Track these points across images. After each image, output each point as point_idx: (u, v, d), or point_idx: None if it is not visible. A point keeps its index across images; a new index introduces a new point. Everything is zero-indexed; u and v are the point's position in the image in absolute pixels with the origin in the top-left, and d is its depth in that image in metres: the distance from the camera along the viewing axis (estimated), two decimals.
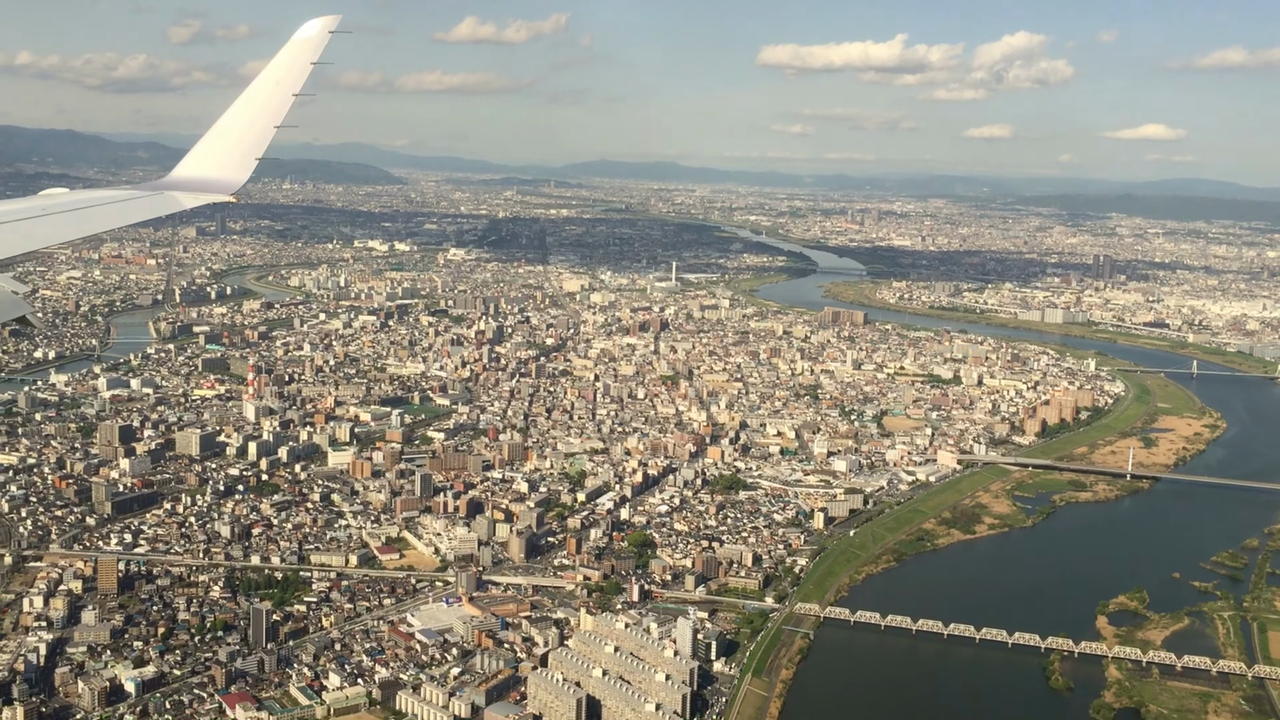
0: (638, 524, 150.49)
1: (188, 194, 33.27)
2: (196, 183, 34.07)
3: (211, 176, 34.15)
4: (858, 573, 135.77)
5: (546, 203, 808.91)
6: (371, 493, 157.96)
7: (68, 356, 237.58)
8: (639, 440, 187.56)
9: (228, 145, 34.47)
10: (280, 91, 34.05)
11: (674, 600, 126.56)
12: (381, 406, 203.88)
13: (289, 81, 34.03)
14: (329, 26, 34.84)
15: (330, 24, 34.95)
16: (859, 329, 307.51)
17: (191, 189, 33.71)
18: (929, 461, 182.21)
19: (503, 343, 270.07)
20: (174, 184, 34.20)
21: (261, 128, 34.23)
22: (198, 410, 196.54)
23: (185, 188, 33.81)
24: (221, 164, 34.30)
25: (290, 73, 34.13)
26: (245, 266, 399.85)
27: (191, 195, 33.25)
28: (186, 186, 33.87)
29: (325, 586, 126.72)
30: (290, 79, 34.04)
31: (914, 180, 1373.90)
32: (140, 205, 32.45)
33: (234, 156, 34.40)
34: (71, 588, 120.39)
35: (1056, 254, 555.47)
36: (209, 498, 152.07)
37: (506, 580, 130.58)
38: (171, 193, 33.31)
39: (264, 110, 34.18)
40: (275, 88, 34.18)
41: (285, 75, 34.17)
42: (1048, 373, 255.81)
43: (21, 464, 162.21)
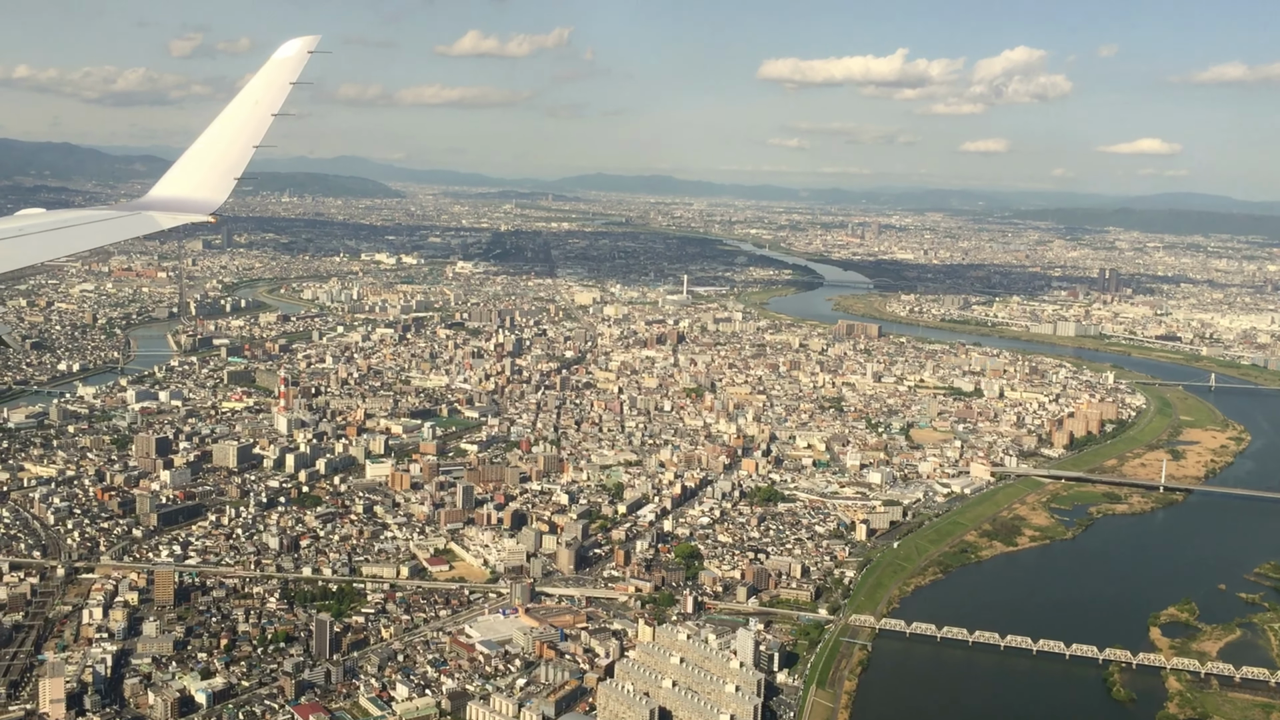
0: (681, 535, 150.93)
1: (165, 214, 33.11)
2: (174, 202, 33.93)
3: (190, 196, 34.03)
4: (906, 584, 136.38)
5: (546, 216, 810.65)
6: (413, 505, 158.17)
7: (91, 369, 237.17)
8: (671, 452, 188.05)
9: (206, 165, 34.39)
10: (259, 111, 33.97)
11: (727, 612, 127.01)
12: (411, 419, 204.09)
13: (268, 101, 33.94)
14: (308, 47, 34.68)
15: (310, 44, 34.79)
16: (874, 342, 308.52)
17: (169, 209, 33.54)
18: (962, 474, 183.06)
19: (522, 355, 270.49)
20: (152, 204, 34.10)
21: (240, 148, 34.15)
22: (229, 423, 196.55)
23: (163, 207, 33.64)
24: (200, 183, 34.20)
25: (269, 92, 34.03)
26: (256, 280, 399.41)
27: (169, 215, 33.07)
28: (164, 206, 33.71)
29: (380, 598, 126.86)
30: (269, 99, 33.94)
31: (910, 194, 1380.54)
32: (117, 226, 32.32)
33: (212, 176, 34.28)
34: (128, 599, 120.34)
35: (1059, 267, 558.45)
36: (252, 510, 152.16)
37: (558, 592, 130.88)
38: (149, 213, 33.16)
39: (243, 130, 34.13)
40: (254, 107, 34.12)
41: (265, 95, 34.07)
42: (1067, 385, 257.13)
43: (61, 476, 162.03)
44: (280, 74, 34.20)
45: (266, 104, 33.87)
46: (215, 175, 34.13)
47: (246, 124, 33.95)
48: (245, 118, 34.03)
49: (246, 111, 34.09)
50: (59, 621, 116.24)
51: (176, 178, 34.52)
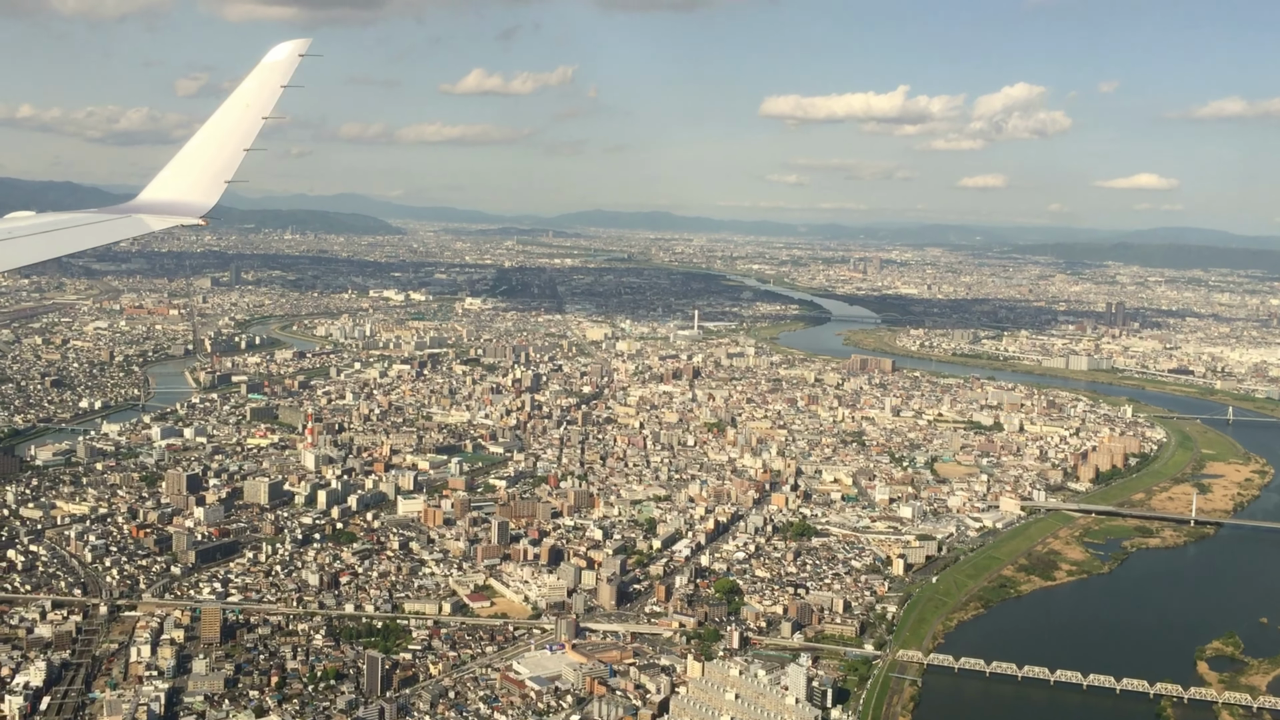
0: (718, 571, 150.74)
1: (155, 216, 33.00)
2: (165, 205, 33.75)
3: (180, 199, 33.86)
4: (949, 619, 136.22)
5: (548, 252, 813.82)
6: (449, 540, 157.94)
7: (113, 407, 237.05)
8: (700, 487, 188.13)
9: (197, 168, 34.15)
10: (250, 115, 33.92)
11: (773, 647, 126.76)
12: (437, 455, 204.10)
13: (259, 105, 33.90)
14: (299, 50, 34.70)
15: (300, 48, 34.78)
16: (888, 376, 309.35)
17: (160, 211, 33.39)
18: (991, 508, 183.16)
19: (540, 391, 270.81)
20: (142, 206, 33.85)
21: (231, 151, 33.97)
22: (256, 459, 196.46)
23: (154, 210, 33.47)
24: (190, 187, 33.98)
25: (260, 96, 34.00)
26: (267, 316, 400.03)
27: (159, 218, 33.00)
28: (155, 209, 33.53)
29: (425, 634, 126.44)
30: (260, 102, 33.91)
31: (907, 229, 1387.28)
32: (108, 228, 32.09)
33: (203, 179, 34.05)
34: (173, 637, 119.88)
35: (1064, 302, 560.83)
36: (289, 546, 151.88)
37: (602, 627, 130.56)
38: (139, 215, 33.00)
39: (234, 133, 34.00)
40: (245, 111, 34.06)
41: (255, 99, 34.02)
42: (1085, 419, 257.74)
43: (93, 513, 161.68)
44: (271, 78, 34.22)
45: (257, 107, 33.92)
46: (206, 178, 33.94)
47: (237, 127, 33.89)
48: (236, 121, 33.99)
49: (237, 115, 34.06)
50: (106, 659, 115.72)
51: (167, 180, 34.33)
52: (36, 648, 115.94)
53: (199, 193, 33.76)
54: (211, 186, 33.87)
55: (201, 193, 33.80)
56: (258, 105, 33.82)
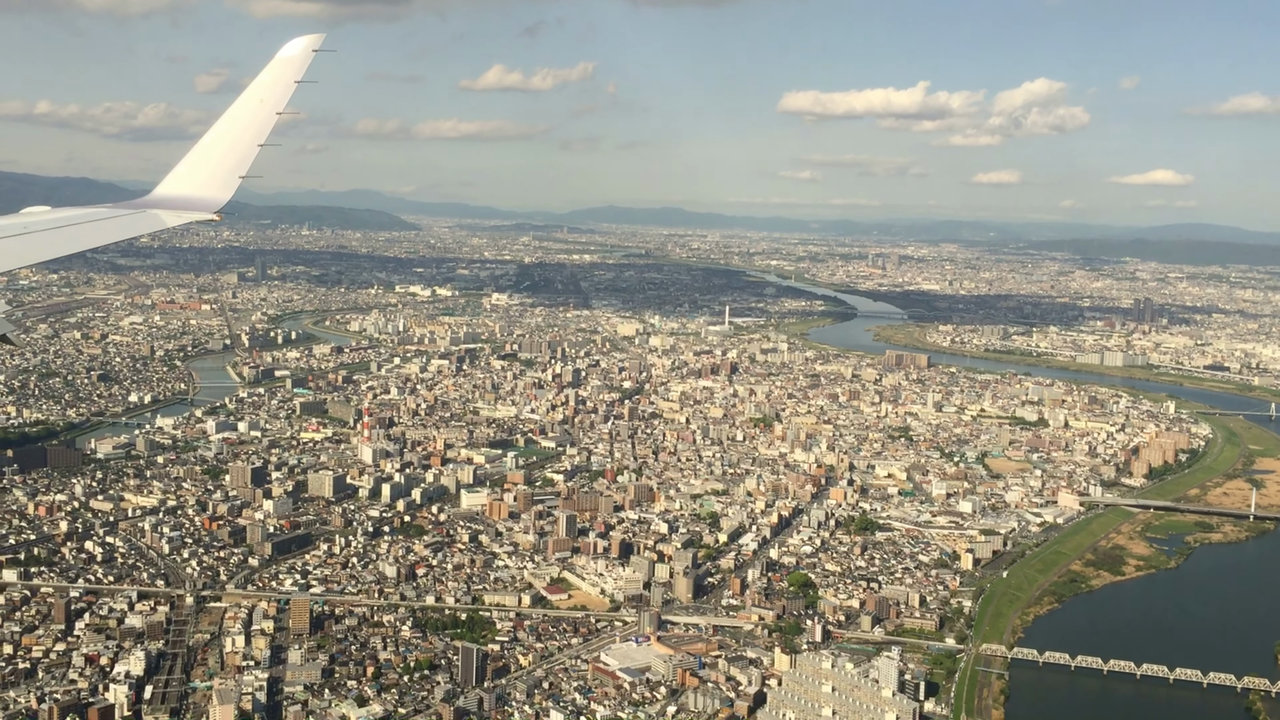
0: (787, 564, 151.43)
1: (170, 212, 32.98)
2: (179, 201, 33.69)
3: (194, 195, 33.83)
4: (1025, 614, 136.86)
5: (565, 248, 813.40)
6: (517, 534, 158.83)
7: (162, 401, 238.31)
8: (757, 482, 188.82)
9: (211, 163, 34.12)
10: (264, 110, 33.82)
11: (855, 641, 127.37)
12: (491, 449, 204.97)
13: (273, 100, 33.82)
14: (313, 45, 34.60)
15: (314, 43, 34.68)
16: (925, 372, 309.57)
17: (174, 207, 33.35)
18: (1050, 503, 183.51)
19: (581, 386, 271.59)
20: (157, 202, 33.80)
21: (245, 146, 33.92)
22: (314, 453, 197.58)
23: (168, 205, 33.42)
24: (205, 182, 33.97)
25: (274, 91, 33.96)
26: (298, 312, 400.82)
27: (174, 213, 32.99)
28: (169, 204, 33.48)
29: (509, 626, 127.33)
30: (274, 98, 33.84)
31: (920, 225, 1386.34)
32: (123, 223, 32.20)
33: (217, 175, 34.00)
34: (263, 627, 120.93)
35: (1087, 298, 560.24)
36: (360, 539, 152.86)
37: (682, 620, 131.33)
38: (154, 211, 32.97)
39: (248, 129, 33.97)
40: (259, 106, 33.99)
41: (269, 94, 33.99)
42: (1129, 415, 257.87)
43: (162, 506, 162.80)
44: (285, 73, 34.23)
45: (271, 103, 33.90)
46: (220, 174, 33.95)
47: (251, 123, 33.91)
48: (250, 116, 34.00)
49: (251, 110, 34.05)
50: (200, 649, 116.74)
51: (181, 176, 34.35)
52: (130, 638, 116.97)
53: (213, 188, 33.88)
54: (226, 182, 33.96)
55: (216, 188, 33.91)
56: (272, 100, 33.85)
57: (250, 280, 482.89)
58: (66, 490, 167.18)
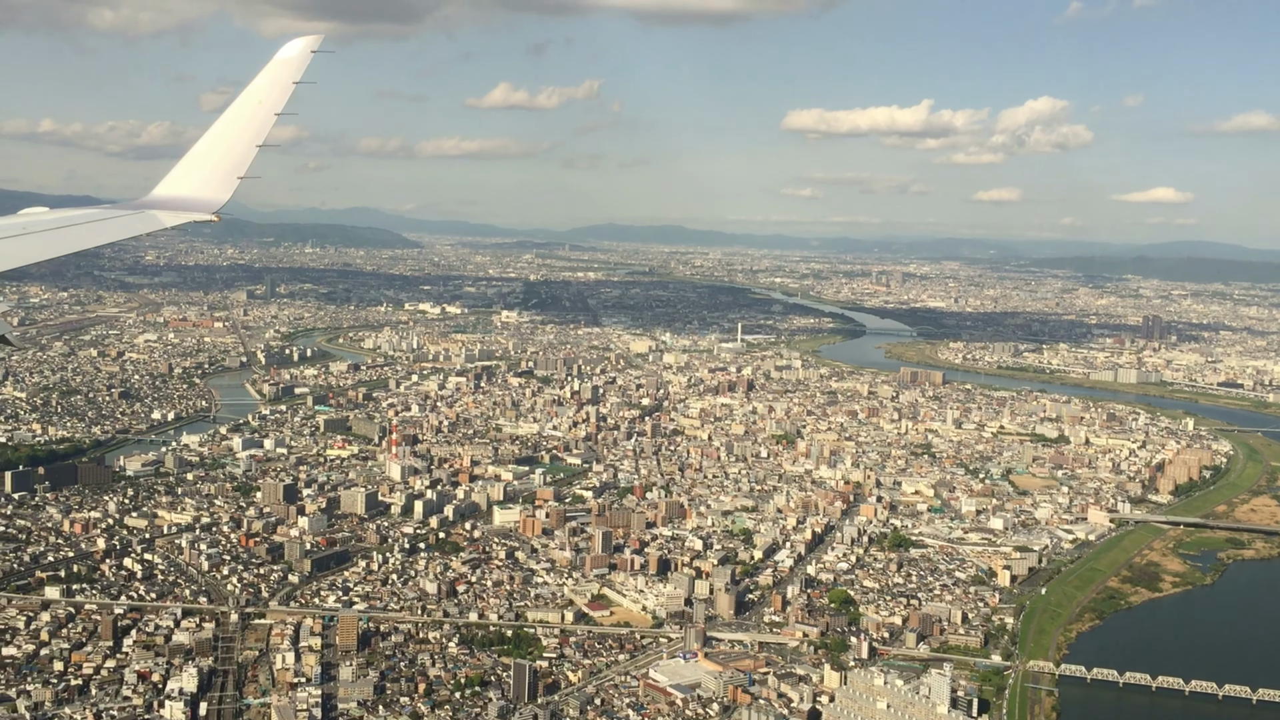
0: (824, 581, 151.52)
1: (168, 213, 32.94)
2: (178, 201, 33.68)
3: (193, 195, 33.84)
4: (1068, 630, 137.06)
5: (568, 265, 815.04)
6: (553, 550, 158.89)
7: (185, 418, 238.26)
8: (787, 498, 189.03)
9: (209, 164, 34.14)
10: (263, 111, 33.83)
11: (901, 658, 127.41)
12: (518, 466, 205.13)
13: (271, 101, 33.82)
14: (311, 46, 34.73)
15: (313, 44, 34.82)
16: (940, 389, 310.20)
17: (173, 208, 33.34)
18: (1080, 520, 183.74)
19: (600, 403, 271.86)
20: (155, 203, 33.79)
21: (244, 147, 33.94)
22: (342, 470, 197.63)
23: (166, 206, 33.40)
24: (203, 183, 33.98)
25: (273, 92, 33.97)
26: (310, 329, 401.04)
27: (172, 214, 32.92)
28: (167, 205, 33.49)
29: (554, 642, 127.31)
30: (273, 98, 33.85)
31: (920, 243, 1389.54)
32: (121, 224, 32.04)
33: (215, 176, 34.00)
34: (311, 644, 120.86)
35: (1093, 315, 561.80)
36: (398, 556, 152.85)
37: (727, 636, 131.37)
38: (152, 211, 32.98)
39: (246, 129, 34.00)
40: (258, 107, 33.99)
41: (268, 95, 33.99)
42: (1148, 432, 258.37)
43: (196, 522, 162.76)
44: (283, 74, 34.30)
45: (270, 104, 33.96)
46: (218, 175, 33.96)
47: (250, 123, 33.97)
48: (249, 117, 34.05)
49: (250, 111, 34.10)
50: (250, 666, 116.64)
51: (179, 177, 34.41)
52: (180, 654, 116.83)
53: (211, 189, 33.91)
54: (224, 183, 33.95)
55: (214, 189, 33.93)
56: (270, 101, 33.89)
57: (259, 298, 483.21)
58: (100, 507, 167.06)
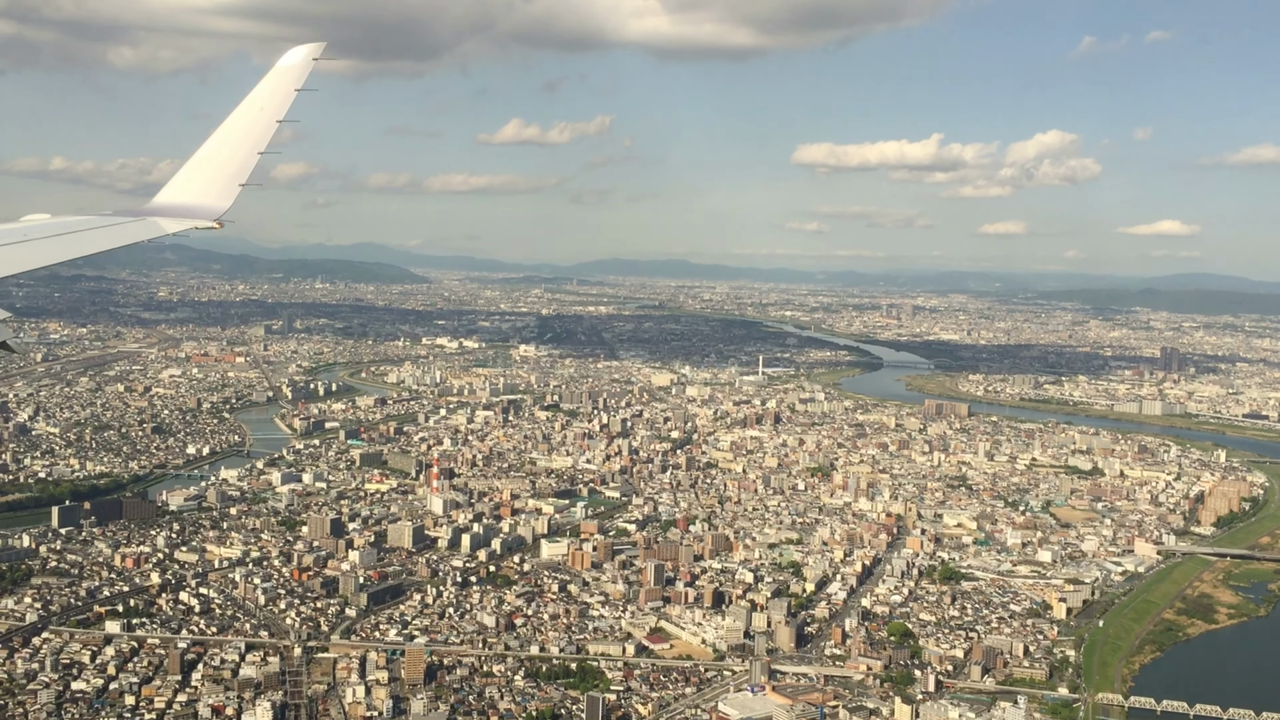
0: (879, 614, 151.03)
1: (170, 220, 33.28)
2: (179, 208, 33.98)
3: (194, 203, 34.07)
4: (1130, 662, 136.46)
5: (578, 300, 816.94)
6: (605, 583, 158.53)
7: (219, 453, 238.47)
8: (831, 531, 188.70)
9: (210, 171, 34.33)
10: (264, 118, 34.10)
11: (968, 690, 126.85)
12: (558, 499, 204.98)
13: (273, 108, 34.08)
14: (313, 54, 34.92)
15: (314, 51, 35.01)
16: (967, 421, 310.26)
17: (174, 214, 33.66)
18: (1126, 552, 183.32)
19: (629, 436, 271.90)
20: (156, 210, 34.21)
21: (245, 154, 34.17)
22: (383, 504, 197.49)
23: (168, 213, 33.75)
24: (204, 190, 34.16)
25: (274, 100, 34.23)
26: (331, 364, 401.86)
27: (174, 221, 33.23)
28: (169, 212, 33.83)
29: (619, 675, 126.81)
30: (274, 106, 34.12)
31: (925, 276, 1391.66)
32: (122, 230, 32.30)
33: (216, 183, 34.17)
34: (378, 678, 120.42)
35: (1108, 347, 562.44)
36: (451, 589, 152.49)
37: (790, 669, 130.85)
38: (153, 218, 33.36)
39: (247, 137, 34.21)
40: (259, 114, 34.26)
41: (269, 102, 34.21)
42: (1181, 464, 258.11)
43: (245, 557, 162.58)
44: (285, 81, 34.56)
45: (271, 111, 34.25)
46: (220, 181, 34.15)
47: (251, 130, 34.20)
48: (250, 124, 34.29)
49: (251, 118, 34.34)
50: (320, 700, 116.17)
51: (181, 184, 34.62)
52: (249, 688, 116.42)
53: (212, 196, 34.12)
54: (225, 189, 34.15)
55: (215, 196, 34.14)
56: (271, 109, 34.21)
57: (277, 333, 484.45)
58: (149, 542, 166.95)
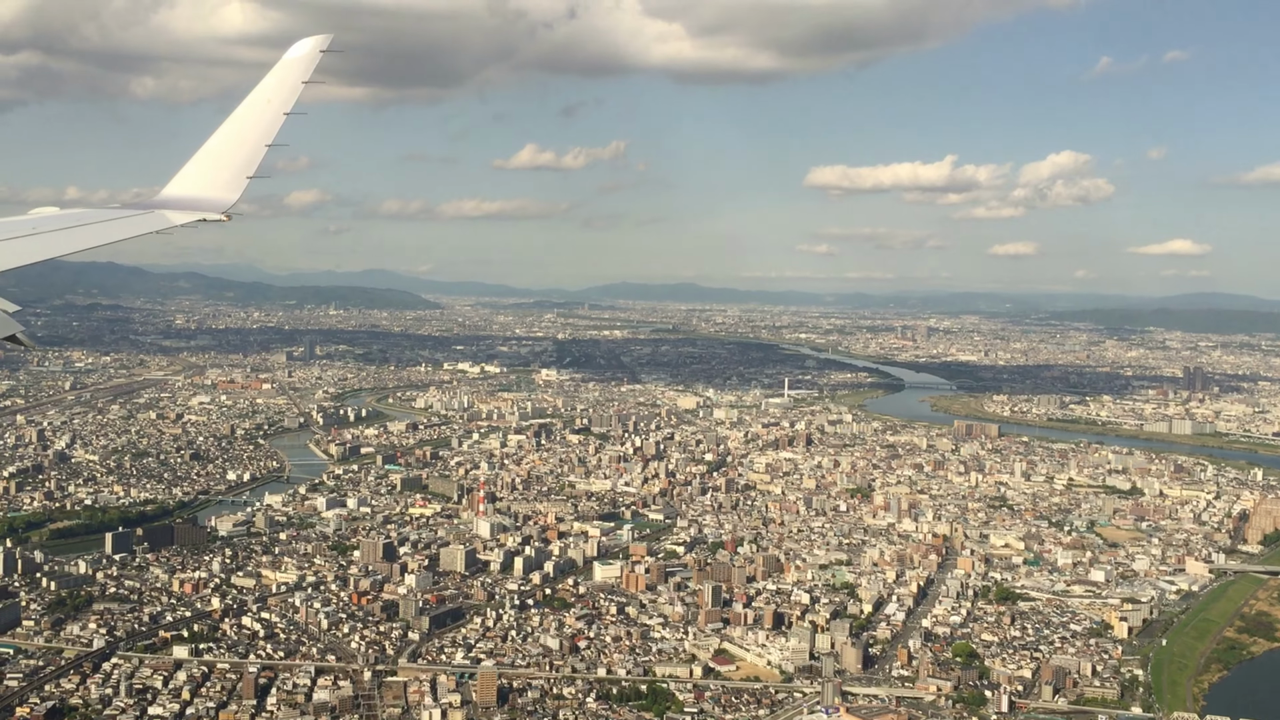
0: (939, 634, 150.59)
1: (178, 212, 33.26)
2: (187, 201, 33.96)
3: (202, 195, 34.09)
4: (1198, 681, 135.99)
5: (591, 324, 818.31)
6: (663, 605, 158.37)
7: (259, 478, 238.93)
8: (880, 552, 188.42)
9: (218, 164, 34.36)
10: (271, 110, 34.07)
11: (1041, 711, 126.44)
12: (604, 522, 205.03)
13: (280, 100, 34.05)
14: (320, 46, 34.91)
15: (321, 43, 34.99)
16: (998, 441, 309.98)
17: (182, 207, 33.66)
18: (1178, 571, 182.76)
19: (663, 459, 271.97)
20: (164, 202, 34.16)
21: (252, 147, 34.15)
22: (430, 528, 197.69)
23: (176, 206, 33.74)
24: (212, 183, 34.21)
25: (281, 91, 34.23)
26: (357, 390, 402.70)
27: (182, 213, 33.21)
28: (177, 205, 33.80)
29: (689, 697, 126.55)
30: (281, 98, 34.10)
31: (934, 298, 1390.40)
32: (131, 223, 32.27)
33: (224, 175, 34.22)
34: (451, 701, 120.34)
35: (1127, 367, 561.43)
36: (510, 612, 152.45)
37: (860, 691, 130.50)
38: (161, 211, 33.36)
39: (255, 129, 34.22)
40: (266, 106, 34.29)
41: (276, 94, 34.22)
42: (1218, 482, 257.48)
43: (302, 581, 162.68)
44: (292, 73, 34.56)
45: (279, 103, 34.26)
46: (227, 174, 34.20)
47: (258, 123, 34.22)
48: (257, 117, 34.31)
49: (259, 111, 34.37)
50: None
51: (189, 177, 34.64)
52: (324, 712, 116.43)
53: (220, 189, 34.18)
54: (233, 182, 34.19)
55: (223, 189, 34.21)
56: (279, 101, 34.23)
57: (298, 359, 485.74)
58: (203, 567, 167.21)
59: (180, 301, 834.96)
